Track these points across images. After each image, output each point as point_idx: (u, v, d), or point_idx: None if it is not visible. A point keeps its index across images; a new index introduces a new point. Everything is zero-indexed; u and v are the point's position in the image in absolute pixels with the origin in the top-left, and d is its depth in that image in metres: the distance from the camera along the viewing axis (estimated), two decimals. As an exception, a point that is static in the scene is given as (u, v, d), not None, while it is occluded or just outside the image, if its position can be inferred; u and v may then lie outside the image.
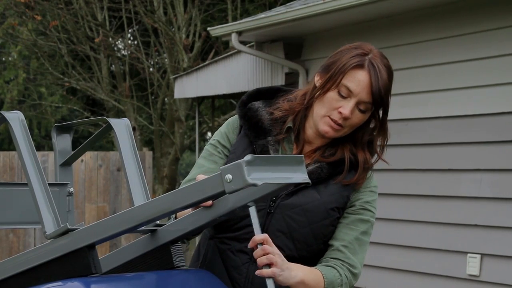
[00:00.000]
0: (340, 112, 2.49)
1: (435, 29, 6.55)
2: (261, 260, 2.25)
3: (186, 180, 2.60)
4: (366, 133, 2.60)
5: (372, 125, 2.61)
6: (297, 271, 2.37)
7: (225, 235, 2.56)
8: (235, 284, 2.53)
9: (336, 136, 2.55)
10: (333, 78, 2.51)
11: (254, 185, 2.01)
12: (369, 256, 7.31)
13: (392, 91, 2.58)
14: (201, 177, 2.31)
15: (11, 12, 15.53)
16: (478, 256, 6.18)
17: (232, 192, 2.04)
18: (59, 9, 13.86)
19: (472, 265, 6.20)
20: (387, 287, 6.95)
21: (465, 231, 6.28)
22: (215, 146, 2.64)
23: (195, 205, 2.20)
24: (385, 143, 2.63)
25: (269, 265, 2.26)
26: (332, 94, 2.51)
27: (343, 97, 2.50)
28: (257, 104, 2.64)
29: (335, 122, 2.51)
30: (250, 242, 2.26)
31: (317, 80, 2.57)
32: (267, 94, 2.68)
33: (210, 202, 2.26)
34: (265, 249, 2.25)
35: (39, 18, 14.36)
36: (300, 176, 2.16)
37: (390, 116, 2.63)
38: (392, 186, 6.85)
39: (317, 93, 2.54)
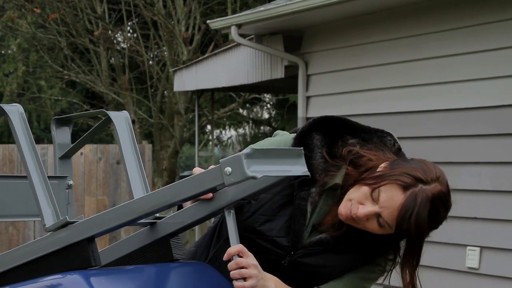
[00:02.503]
0: (358, 208, 2.30)
1: (435, 22, 6.54)
2: (233, 274, 2.18)
3: None
4: (393, 249, 2.45)
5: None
6: (271, 283, 2.26)
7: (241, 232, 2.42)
8: None
9: (350, 224, 2.35)
10: (379, 178, 2.30)
11: (254, 177, 2.01)
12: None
13: (392, 84, 2.52)
14: (198, 170, 2.30)
15: (11, 5, 15.51)
16: (478, 249, 6.18)
17: (232, 184, 2.04)
18: (58, 2, 13.85)
19: (472, 258, 6.21)
20: (385, 280, 6.95)
21: (465, 224, 6.28)
22: None
23: (194, 197, 2.20)
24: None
25: (244, 278, 2.19)
26: (366, 190, 2.31)
27: (372, 199, 2.30)
28: (316, 140, 2.36)
29: (350, 212, 2.31)
30: (225, 254, 2.19)
31: (380, 168, 2.33)
32: (332, 125, 2.38)
33: (210, 194, 2.25)
34: (239, 262, 2.18)
35: (38, 11, 14.35)
36: (299, 168, 2.15)
37: (389, 109, 2.58)
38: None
39: (366, 176, 2.33)
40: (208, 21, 9.08)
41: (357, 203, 2.30)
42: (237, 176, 2.01)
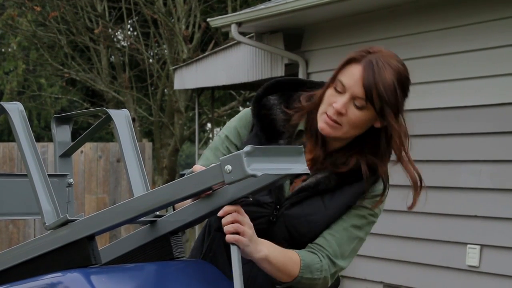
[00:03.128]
0: (333, 107, 2.40)
1: (435, 20, 6.54)
2: (227, 228, 2.18)
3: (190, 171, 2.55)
4: (388, 139, 2.47)
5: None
6: (263, 246, 2.29)
7: None
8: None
9: (335, 135, 2.43)
10: (333, 74, 2.44)
11: (254, 176, 2.01)
12: (370, 247, 7.32)
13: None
14: (198, 167, 2.30)
15: (11, 3, 15.51)
16: (478, 247, 6.18)
17: (232, 183, 2.04)
18: (58, 0, 13.84)
19: (472, 256, 6.21)
20: (387, 278, 6.95)
21: (465, 222, 6.29)
22: (222, 141, 2.55)
23: (194, 195, 2.20)
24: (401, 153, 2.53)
25: (237, 234, 2.20)
26: (330, 91, 2.43)
27: (339, 93, 2.41)
28: (273, 99, 2.51)
29: (330, 118, 2.40)
30: (221, 211, 2.20)
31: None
32: (288, 87, 2.54)
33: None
34: (235, 216, 2.19)
35: (38, 9, 14.35)
36: (299, 167, 2.15)
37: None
38: (391, 177, 6.84)
39: (323, 92, 2.45)
40: (208, 19, 9.08)
41: (330, 106, 2.40)
42: (237, 174, 2.01)
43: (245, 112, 2.56)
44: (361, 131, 2.45)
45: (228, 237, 2.19)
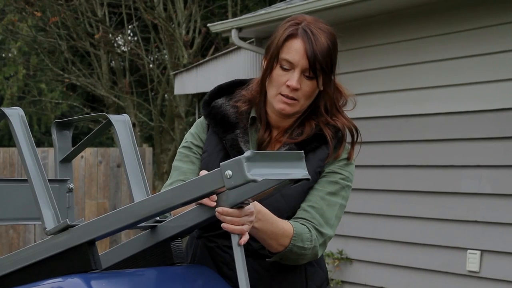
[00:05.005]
0: (288, 86, 2.50)
1: (435, 25, 6.54)
2: (230, 230, 2.21)
3: (167, 185, 2.59)
4: (328, 101, 2.58)
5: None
6: (257, 205, 2.34)
7: (212, 233, 2.57)
8: (227, 280, 2.53)
9: (295, 111, 2.55)
10: (273, 55, 2.53)
11: (254, 181, 2.01)
12: (370, 252, 7.32)
13: (393, 87, 2.56)
14: (202, 172, 2.31)
15: (11, 8, 15.52)
16: (478, 252, 6.18)
17: (232, 188, 2.04)
18: (59, 5, 13.86)
19: (472, 261, 6.20)
20: (387, 283, 6.95)
21: (465, 227, 6.28)
22: (189, 148, 2.65)
23: (195, 201, 2.20)
24: (343, 103, 2.63)
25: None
26: (277, 71, 2.53)
27: (287, 70, 2.51)
28: (220, 100, 2.65)
29: (286, 96, 2.52)
30: (218, 214, 2.21)
31: (263, 64, 2.60)
32: (229, 89, 2.69)
33: (213, 202, 2.24)
34: (233, 221, 2.21)
35: (39, 14, 14.35)
36: (300, 172, 2.15)
37: (389, 112, 2.61)
38: (392, 182, 6.85)
39: (265, 75, 2.56)
40: (208, 25, 9.08)
41: (282, 86, 2.51)
42: (238, 179, 2.01)
43: (199, 120, 2.70)
44: (312, 99, 2.57)
45: (234, 243, 2.20)
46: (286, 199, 2.52)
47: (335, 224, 2.56)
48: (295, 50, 2.50)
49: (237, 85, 2.70)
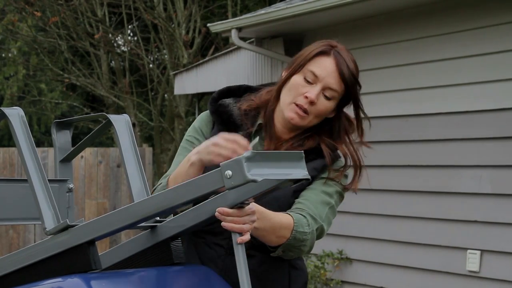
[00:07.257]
0: (306, 97, 2.51)
1: (435, 25, 6.54)
2: (231, 230, 2.20)
3: (164, 176, 2.59)
4: (342, 126, 2.60)
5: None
6: (257, 223, 2.33)
7: (200, 229, 2.56)
8: None
9: (302, 124, 2.56)
10: (299, 64, 2.54)
11: (254, 181, 2.01)
12: (370, 252, 7.32)
13: (392, 87, 2.59)
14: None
15: (11, 8, 15.52)
16: (478, 252, 6.18)
17: (232, 188, 2.04)
18: (58, 5, 13.86)
19: (472, 261, 6.20)
20: (387, 283, 6.95)
21: (465, 227, 6.28)
22: (191, 142, 2.67)
23: (195, 201, 2.20)
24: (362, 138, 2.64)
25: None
26: (298, 80, 2.54)
27: (309, 83, 2.52)
28: (228, 100, 2.68)
29: (300, 107, 2.52)
30: (218, 214, 2.21)
31: (283, 74, 2.61)
32: (237, 92, 2.72)
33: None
34: (234, 221, 2.21)
35: (38, 14, 14.35)
36: (300, 172, 2.15)
37: (389, 112, 2.63)
38: (392, 182, 6.85)
39: (285, 82, 2.56)
40: (208, 24, 9.08)
41: (300, 96, 2.51)
42: (238, 179, 2.01)
43: (204, 113, 2.74)
44: (319, 121, 2.58)
45: (234, 242, 2.19)
46: (279, 202, 2.53)
47: (327, 222, 2.57)
48: (324, 66, 2.52)
49: (244, 90, 2.72)
